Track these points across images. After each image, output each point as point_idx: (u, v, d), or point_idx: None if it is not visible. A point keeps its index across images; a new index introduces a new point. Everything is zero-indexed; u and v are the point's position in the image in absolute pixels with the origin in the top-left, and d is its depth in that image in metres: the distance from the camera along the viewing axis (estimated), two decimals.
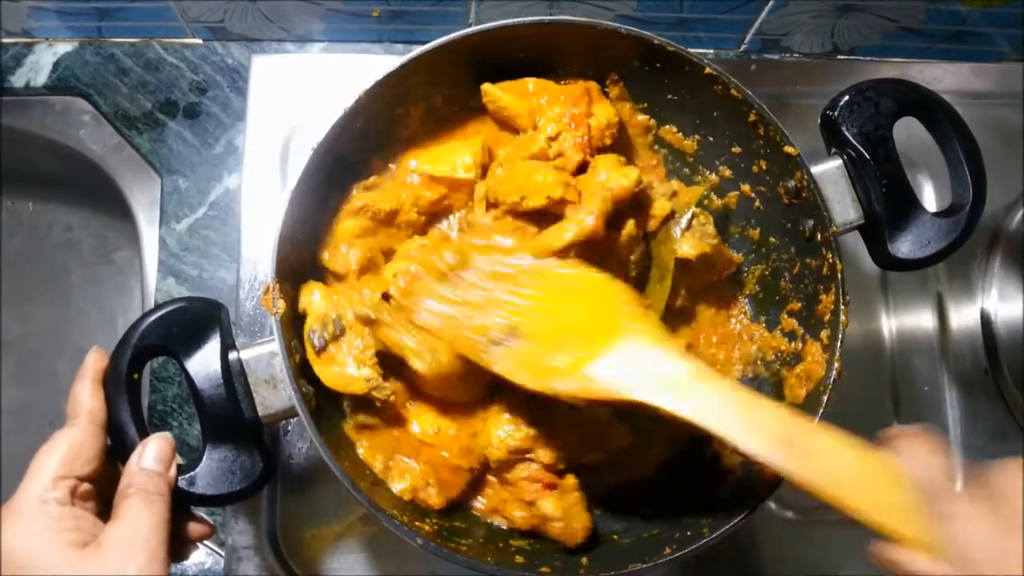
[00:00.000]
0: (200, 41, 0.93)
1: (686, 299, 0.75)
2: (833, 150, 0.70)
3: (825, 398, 0.64)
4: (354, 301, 0.66)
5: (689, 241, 0.71)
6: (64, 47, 0.91)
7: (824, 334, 0.67)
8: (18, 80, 0.90)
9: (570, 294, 0.62)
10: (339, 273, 0.69)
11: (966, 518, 0.49)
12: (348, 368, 0.64)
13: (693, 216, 0.72)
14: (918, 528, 0.49)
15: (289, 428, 0.81)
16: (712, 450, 0.72)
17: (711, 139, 0.75)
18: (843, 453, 0.52)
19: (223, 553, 0.79)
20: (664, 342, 0.58)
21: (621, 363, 0.57)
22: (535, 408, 0.67)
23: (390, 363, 0.66)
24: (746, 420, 0.54)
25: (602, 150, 0.70)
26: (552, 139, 0.68)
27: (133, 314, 1.02)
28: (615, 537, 0.70)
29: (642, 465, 0.74)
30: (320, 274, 0.70)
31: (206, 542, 0.79)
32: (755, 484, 0.66)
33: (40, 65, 0.91)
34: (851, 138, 0.67)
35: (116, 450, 0.58)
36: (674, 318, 0.75)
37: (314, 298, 0.66)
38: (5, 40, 0.91)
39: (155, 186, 0.89)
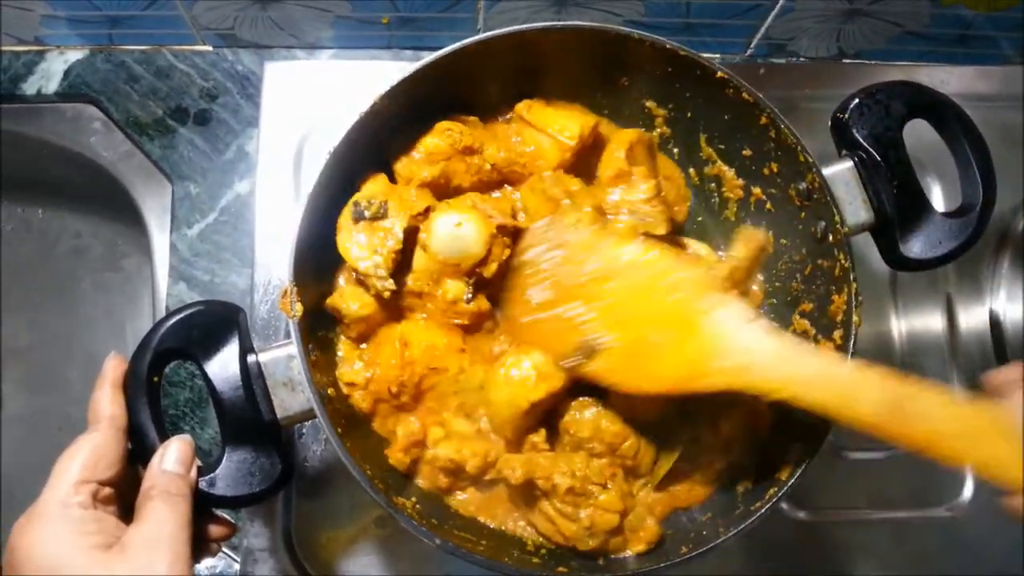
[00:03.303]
0: (210, 48, 0.93)
1: None
2: (844, 152, 0.70)
3: None
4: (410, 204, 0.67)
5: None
6: (75, 54, 0.92)
7: (837, 334, 0.67)
8: (30, 87, 0.91)
9: (646, 289, 0.62)
10: (404, 178, 0.71)
11: None
12: (364, 249, 0.65)
13: None
14: None
15: (304, 431, 0.81)
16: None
17: (722, 146, 0.75)
18: (951, 411, 0.51)
19: (235, 556, 0.80)
20: (755, 322, 0.58)
21: (719, 353, 0.58)
22: None
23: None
24: (848, 395, 0.53)
25: None
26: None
27: (142, 321, 1.02)
28: None
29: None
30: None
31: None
32: (769, 483, 0.66)
33: (51, 72, 0.91)
34: (862, 140, 0.68)
35: (137, 453, 0.58)
36: None
37: (376, 180, 0.69)
38: (17, 48, 0.92)
39: (166, 192, 0.90)
